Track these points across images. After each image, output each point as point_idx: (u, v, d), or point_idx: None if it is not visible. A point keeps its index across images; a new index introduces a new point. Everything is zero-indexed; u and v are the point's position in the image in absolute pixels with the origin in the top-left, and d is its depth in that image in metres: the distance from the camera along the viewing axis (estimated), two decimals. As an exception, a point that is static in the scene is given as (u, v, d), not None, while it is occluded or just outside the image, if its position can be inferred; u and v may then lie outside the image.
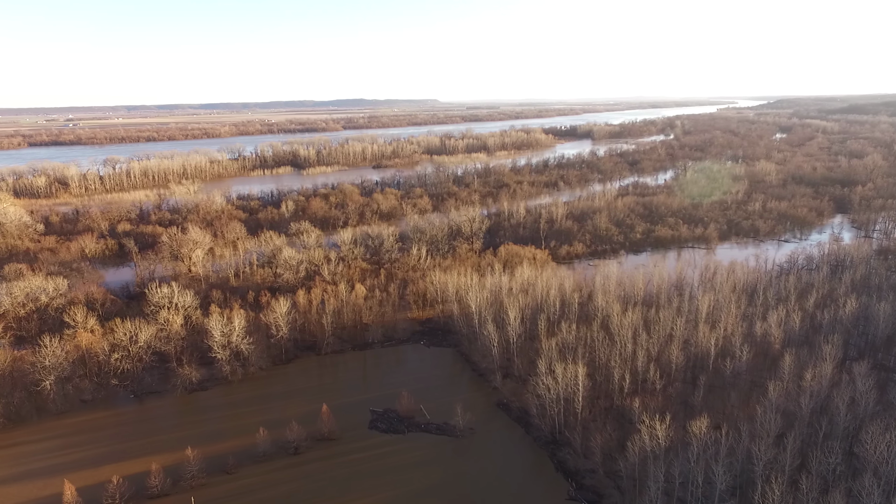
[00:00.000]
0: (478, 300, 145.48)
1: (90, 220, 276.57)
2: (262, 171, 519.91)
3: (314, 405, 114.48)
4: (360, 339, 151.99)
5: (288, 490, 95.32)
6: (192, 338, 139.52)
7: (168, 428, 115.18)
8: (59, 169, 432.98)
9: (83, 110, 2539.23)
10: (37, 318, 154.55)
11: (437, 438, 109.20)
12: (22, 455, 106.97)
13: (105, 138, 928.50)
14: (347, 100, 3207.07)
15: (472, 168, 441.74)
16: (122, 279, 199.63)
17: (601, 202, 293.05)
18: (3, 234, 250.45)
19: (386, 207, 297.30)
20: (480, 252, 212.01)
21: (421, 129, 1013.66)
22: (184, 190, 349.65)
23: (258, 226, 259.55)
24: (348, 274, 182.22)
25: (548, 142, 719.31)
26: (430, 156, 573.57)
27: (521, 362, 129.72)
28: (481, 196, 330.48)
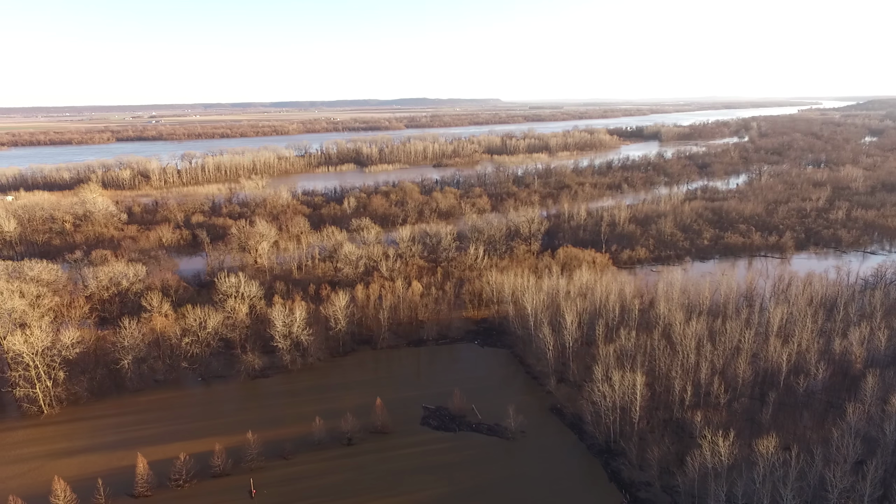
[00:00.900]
0: (534, 302, 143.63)
1: (168, 212, 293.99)
2: (326, 167, 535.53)
3: (368, 398, 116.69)
4: (415, 335, 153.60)
5: (341, 479, 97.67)
6: (256, 326, 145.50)
7: (231, 411, 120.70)
8: (142, 163, 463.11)
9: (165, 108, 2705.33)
10: (118, 301, 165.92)
11: (487, 439, 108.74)
12: (102, 427, 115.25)
13: (183, 134, 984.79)
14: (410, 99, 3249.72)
15: (532, 168, 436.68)
16: (194, 268, 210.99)
17: (667, 206, 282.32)
18: (91, 223, 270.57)
19: (445, 206, 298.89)
20: (538, 253, 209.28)
21: (482, 128, 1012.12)
22: (253, 185, 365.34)
23: (321, 221, 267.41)
24: (406, 271, 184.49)
25: (612, 143, 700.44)
26: (490, 155, 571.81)
27: (576, 367, 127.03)
28: (541, 197, 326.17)
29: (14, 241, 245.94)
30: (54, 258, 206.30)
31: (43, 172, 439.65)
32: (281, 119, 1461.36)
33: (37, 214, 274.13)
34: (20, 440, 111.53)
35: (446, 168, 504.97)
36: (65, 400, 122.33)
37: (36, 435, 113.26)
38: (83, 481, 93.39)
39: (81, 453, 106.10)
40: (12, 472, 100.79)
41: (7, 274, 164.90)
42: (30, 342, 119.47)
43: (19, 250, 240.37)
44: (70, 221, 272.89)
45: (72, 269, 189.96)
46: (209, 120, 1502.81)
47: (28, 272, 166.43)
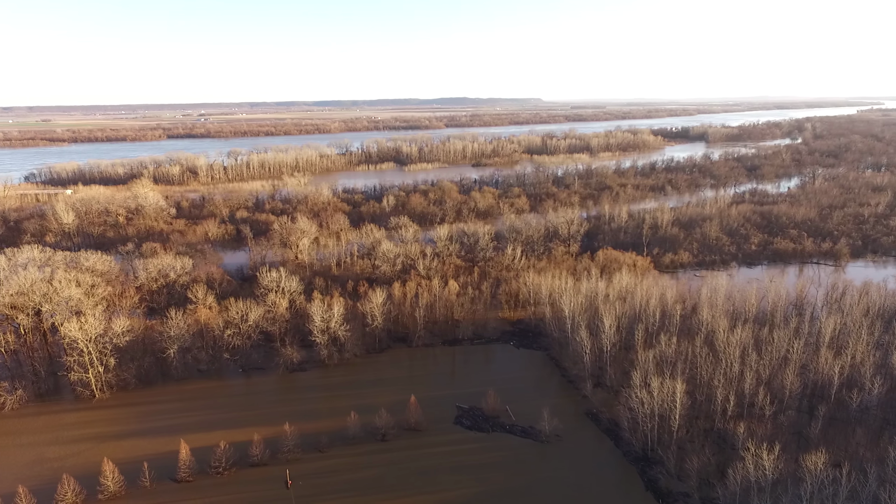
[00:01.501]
0: (572, 304, 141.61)
1: (214, 207, 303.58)
2: (366, 166, 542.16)
3: (403, 395, 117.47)
4: (450, 334, 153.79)
5: (375, 474, 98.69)
6: (295, 321, 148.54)
7: (270, 403, 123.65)
8: (190, 159, 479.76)
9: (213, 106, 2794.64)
10: (166, 292, 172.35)
11: (521, 441, 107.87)
12: (149, 413, 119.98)
13: (230, 132, 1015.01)
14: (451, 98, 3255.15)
15: (573, 169, 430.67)
16: (237, 262, 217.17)
17: (712, 209, 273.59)
18: (143, 216, 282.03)
19: (483, 206, 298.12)
20: (577, 255, 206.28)
21: (522, 128, 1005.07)
22: (295, 182, 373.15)
23: (360, 218, 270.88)
24: (443, 270, 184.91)
25: (656, 144, 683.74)
26: (530, 155, 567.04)
27: (614, 372, 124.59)
28: (581, 198, 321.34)
29: (72, 233, 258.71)
30: (108, 250, 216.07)
31: (99, 167, 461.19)
32: (323, 118, 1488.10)
33: (93, 208, 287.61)
34: (74, 422, 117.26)
35: (485, 168, 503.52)
36: (115, 385, 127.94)
37: (88, 418, 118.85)
38: (130, 464, 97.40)
39: (129, 437, 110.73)
40: (67, 452, 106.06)
41: (65, 264, 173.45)
42: (84, 329, 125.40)
43: (76, 241, 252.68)
44: (123, 215, 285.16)
45: (124, 261, 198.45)
46: (255, 118, 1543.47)
47: (84, 262, 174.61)
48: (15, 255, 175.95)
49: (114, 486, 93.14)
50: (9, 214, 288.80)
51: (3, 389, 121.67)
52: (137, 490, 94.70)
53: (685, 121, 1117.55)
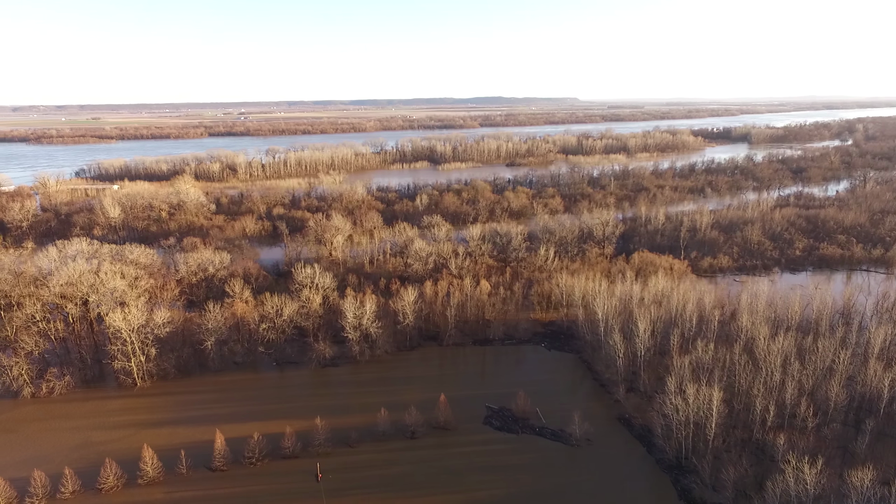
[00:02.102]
0: (605, 307, 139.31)
1: (251, 203, 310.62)
2: (401, 164, 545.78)
3: (432, 393, 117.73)
4: (481, 334, 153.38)
5: (403, 471, 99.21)
6: (328, 317, 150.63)
7: (302, 397, 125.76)
8: (230, 157, 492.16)
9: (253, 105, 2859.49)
10: (204, 285, 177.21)
11: (550, 444, 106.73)
12: (187, 402, 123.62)
13: (269, 130, 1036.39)
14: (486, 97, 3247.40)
15: (609, 169, 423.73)
16: (273, 257, 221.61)
17: (754, 212, 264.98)
18: (184, 212, 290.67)
19: (516, 205, 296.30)
20: (612, 257, 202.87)
21: (558, 127, 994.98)
22: (330, 180, 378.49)
23: (394, 217, 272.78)
24: (474, 269, 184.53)
25: (696, 144, 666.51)
26: (565, 155, 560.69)
27: (647, 377, 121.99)
28: (617, 199, 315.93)
29: (118, 227, 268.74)
30: (151, 243, 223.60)
31: (144, 164, 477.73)
32: (359, 116, 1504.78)
33: (138, 203, 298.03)
34: (117, 408, 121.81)
35: (519, 167, 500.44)
36: (155, 375, 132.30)
37: (130, 405, 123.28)
38: (168, 451, 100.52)
39: (168, 425, 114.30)
40: (110, 437, 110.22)
41: (111, 256, 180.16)
42: (128, 319, 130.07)
43: (122, 235, 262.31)
44: (166, 210, 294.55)
45: (165, 255, 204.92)
46: (292, 117, 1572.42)
47: (128, 255, 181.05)
48: (65, 247, 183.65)
49: (153, 472, 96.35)
50: (60, 208, 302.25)
51: (52, 375, 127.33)
52: (175, 476, 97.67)
53: (727, 121, 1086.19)
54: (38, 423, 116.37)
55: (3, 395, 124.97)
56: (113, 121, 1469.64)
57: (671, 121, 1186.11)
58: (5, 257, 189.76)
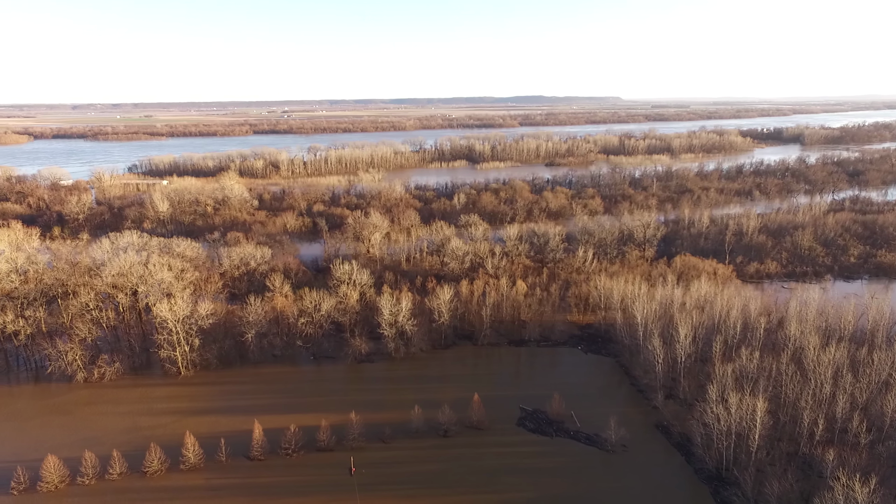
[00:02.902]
0: (645, 311, 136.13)
1: (293, 200, 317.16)
2: (439, 163, 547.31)
3: (466, 393, 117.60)
4: (516, 334, 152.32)
5: (436, 469, 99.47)
6: (365, 313, 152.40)
7: (338, 391, 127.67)
8: (273, 154, 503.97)
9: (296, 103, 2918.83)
10: (246, 279, 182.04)
11: (585, 448, 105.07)
12: (227, 392, 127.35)
13: (311, 128, 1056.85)
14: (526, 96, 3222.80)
15: (651, 170, 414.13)
16: (312, 253, 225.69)
17: (805, 217, 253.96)
18: (228, 207, 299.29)
19: (555, 206, 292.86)
20: (652, 260, 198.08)
21: (599, 127, 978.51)
22: (370, 178, 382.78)
23: (431, 215, 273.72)
24: (511, 269, 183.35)
25: (744, 145, 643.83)
26: (606, 156, 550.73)
27: (687, 384, 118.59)
28: (659, 201, 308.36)
29: (166, 220, 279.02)
30: (196, 237, 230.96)
31: (192, 160, 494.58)
32: (399, 115, 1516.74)
33: (185, 198, 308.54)
34: (162, 396, 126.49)
35: (559, 167, 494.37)
36: (198, 364, 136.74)
37: (174, 393, 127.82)
38: (209, 439, 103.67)
39: (209, 414, 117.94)
40: (154, 423, 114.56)
41: (159, 249, 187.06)
42: (174, 310, 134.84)
43: (170, 228, 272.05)
44: (211, 205, 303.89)
45: (210, 248, 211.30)
46: (334, 115, 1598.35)
47: (175, 248, 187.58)
48: (117, 239, 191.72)
49: (194, 459, 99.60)
50: (114, 202, 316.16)
51: (103, 361, 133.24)
52: (214, 464, 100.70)
53: (778, 121, 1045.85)
54: (90, 406, 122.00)
55: (59, 378, 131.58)
56: (164, 118, 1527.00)
57: (718, 121, 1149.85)
58: (63, 248, 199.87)
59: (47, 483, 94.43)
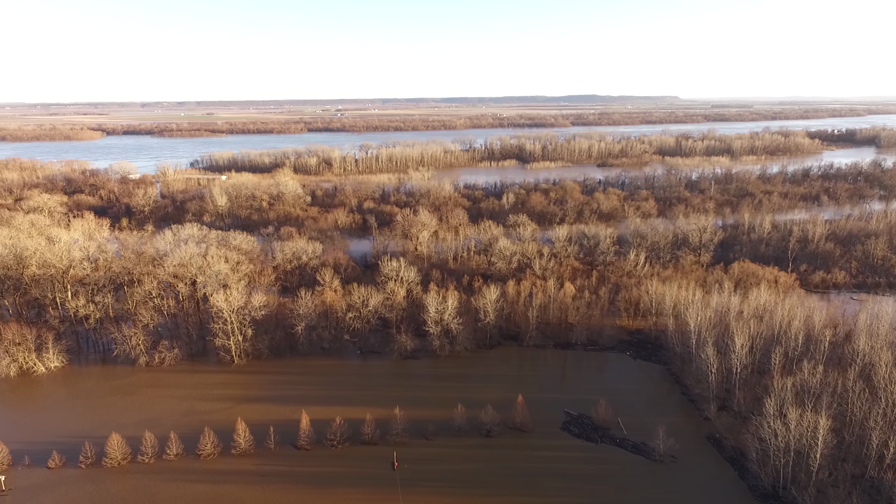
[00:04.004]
0: (698, 318, 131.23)
1: (344, 196, 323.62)
2: (489, 162, 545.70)
3: (510, 393, 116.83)
4: (562, 337, 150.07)
5: (478, 468, 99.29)
6: (411, 310, 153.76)
7: (382, 386, 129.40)
8: (326, 151, 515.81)
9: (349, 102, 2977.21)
10: (297, 273, 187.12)
11: (631, 457, 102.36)
12: (277, 382, 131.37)
13: (363, 127, 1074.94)
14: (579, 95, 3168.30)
15: (709, 172, 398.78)
16: (361, 250, 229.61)
17: (880, 224, 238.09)
18: (282, 202, 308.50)
19: (606, 207, 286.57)
20: (708, 266, 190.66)
21: (655, 127, 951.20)
22: (419, 176, 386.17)
23: (479, 214, 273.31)
24: (559, 271, 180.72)
25: (812, 148, 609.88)
26: (661, 157, 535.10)
27: (743, 397, 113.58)
28: (717, 204, 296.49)
29: (224, 214, 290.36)
30: (252, 231, 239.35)
31: (249, 157, 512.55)
32: (450, 114, 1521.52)
33: (242, 193, 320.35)
34: (216, 382, 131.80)
35: (611, 168, 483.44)
36: (250, 354, 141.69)
37: (228, 380, 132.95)
38: (259, 426, 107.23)
39: (259, 402, 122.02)
40: (209, 408, 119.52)
41: (217, 242, 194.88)
42: (229, 301, 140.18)
43: (227, 222, 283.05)
44: (266, 200, 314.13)
45: (264, 242, 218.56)
46: (386, 114, 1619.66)
47: (232, 241, 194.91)
48: (179, 231, 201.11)
49: (245, 445, 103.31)
50: (176, 195, 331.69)
51: (163, 347, 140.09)
52: (263, 450, 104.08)
53: (852, 122, 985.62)
54: (151, 389, 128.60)
55: (123, 361, 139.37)
56: (224, 116, 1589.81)
57: (784, 121, 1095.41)
58: (130, 238, 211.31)
59: (111, 459, 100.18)
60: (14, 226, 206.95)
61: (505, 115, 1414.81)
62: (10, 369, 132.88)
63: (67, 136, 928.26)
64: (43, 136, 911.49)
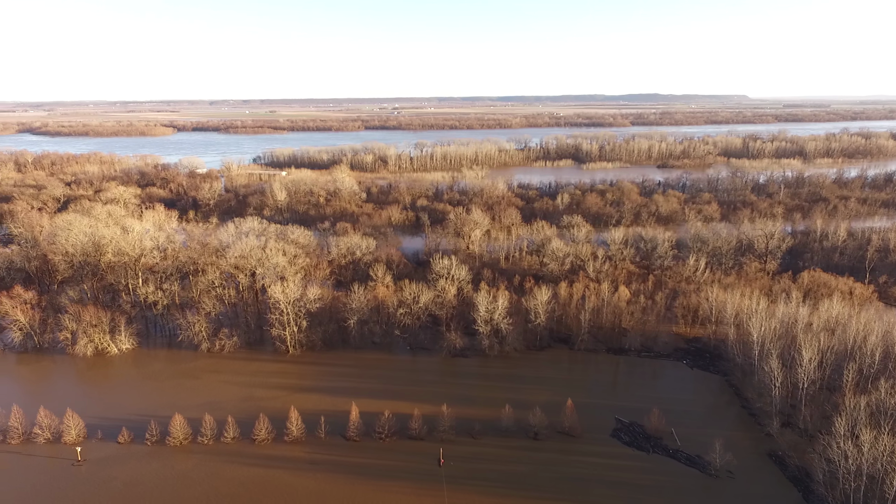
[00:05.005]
0: (762, 329, 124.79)
1: (398, 194, 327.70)
2: (543, 162, 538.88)
3: (558, 397, 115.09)
4: (615, 342, 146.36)
5: (524, 471, 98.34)
6: (461, 308, 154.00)
7: (431, 382, 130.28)
8: (382, 149, 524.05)
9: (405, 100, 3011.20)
10: (351, 268, 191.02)
11: (685, 469, 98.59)
12: (329, 373, 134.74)
13: (419, 125, 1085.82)
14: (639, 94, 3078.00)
15: (779, 176, 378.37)
16: (414, 247, 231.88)
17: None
18: (338, 199, 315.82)
19: (665, 210, 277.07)
20: (774, 274, 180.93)
21: (721, 128, 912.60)
22: (473, 175, 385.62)
23: (532, 214, 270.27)
24: (613, 274, 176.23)
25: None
26: (726, 158, 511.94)
27: (809, 414, 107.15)
28: (786, 209, 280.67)
29: (283, 209, 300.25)
30: (309, 226, 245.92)
31: (308, 154, 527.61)
32: (505, 113, 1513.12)
33: (301, 188, 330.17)
34: (272, 371, 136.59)
35: (672, 169, 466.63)
36: (304, 345, 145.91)
37: (282, 369, 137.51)
38: (311, 415, 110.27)
39: (312, 392, 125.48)
40: (264, 395, 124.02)
41: (276, 235, 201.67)
42: (286, 293, 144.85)
43: (286, 216, 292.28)
44: (323, 196, 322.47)
45: (320, 237, 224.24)
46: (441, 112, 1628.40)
47: (290, 235, 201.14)
48: (240, 224, 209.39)
49: (296, 432, 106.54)
50: (239, 190, 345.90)
51: (224, 335, 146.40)
52: (314, 439, 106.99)
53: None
54: (211, 374, 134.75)
55: (187, 346, 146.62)
56: (286, 114, 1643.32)
57: (865, 122, 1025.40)
58: (196, 230, 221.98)
59: (174, 438, 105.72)
60: (93, 215, 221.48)
61: (562, 114, 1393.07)
62: (87, 349, 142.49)
63: (142, 132, 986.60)
64: (121, 132, 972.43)
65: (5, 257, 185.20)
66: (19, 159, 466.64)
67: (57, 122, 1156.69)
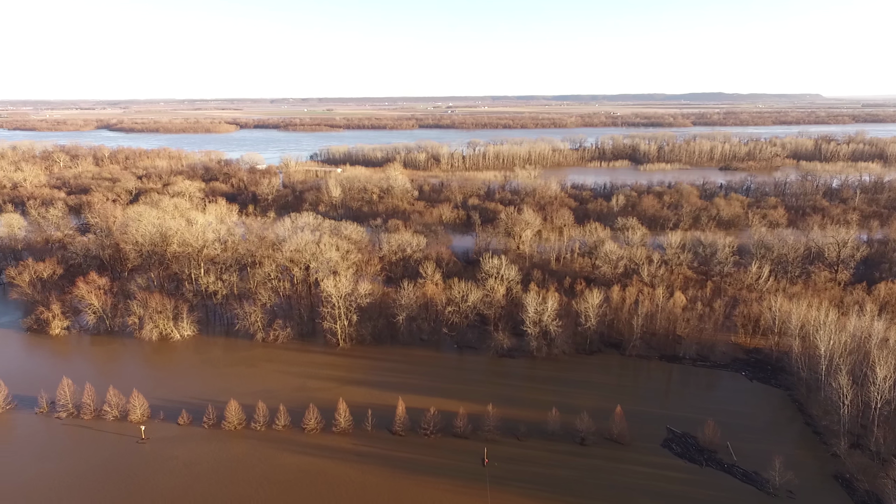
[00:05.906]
0: (831, 342, 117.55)
1: (449, 192, 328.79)
2: (599, 162, 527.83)
3: (607, 403, 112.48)
4: (669, 349, 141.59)
5: (570, 476, 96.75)
6: (510, 308, 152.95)
7: (477, 381, 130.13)
8: (435, 147, 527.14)
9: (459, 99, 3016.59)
10: (402, 265, 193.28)
11: (740, 486, 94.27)
12: (377, 368, 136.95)
13: (472, 123, 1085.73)
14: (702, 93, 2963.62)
15: (855, 180, 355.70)
16: (464, 245, 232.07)
17: None
18: (391, 196, 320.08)
19: (727, 214, 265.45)
20: (846, 285, 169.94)
21: (791, 128, 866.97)
22: (525, 174, 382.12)
23: (585, 215, 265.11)
24: (669, 279, 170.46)
25: None
26: (796, 161, 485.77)
27: (883, 436, 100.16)
28: (862, 216, 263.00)
29: (337, 205, 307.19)
30: (362, 222, 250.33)
31: (363, 151, 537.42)
32: (560, 112, 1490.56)
33: (354, 185, 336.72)
34: (322, 363, 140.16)
35: (735, 172, 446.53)
36: (354, 338, 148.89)
37: (333, 361, 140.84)
38: (358, 408, 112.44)
39: (360, 385, 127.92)
40: (315, 386, 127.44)
41: (330, 231, 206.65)
42: (338, 287, 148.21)
43: (340, 212, 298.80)
44: (376, 193, 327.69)
45: (372, 233, 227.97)
46: (495, 111, 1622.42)
47: (343, 231, 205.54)
48: (296, 219, 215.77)
49: (344, 424, 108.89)
50: (296, 185, 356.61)
51: (278, 326, 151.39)
52: (361, 432, 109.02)
53: None
54: (265, 363, 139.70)
55: (243, 335, 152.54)
56: (342, 112, 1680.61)
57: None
58: (254, 223, 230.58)
59: (229, 423, 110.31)
60: (161, 207, 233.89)
61: (619, 113, 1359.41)
62: (153, 334, 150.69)
63: (207, 129, 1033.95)
64: (188, 129, 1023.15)
65: (83, 245, 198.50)
66: (97, 154, 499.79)
67: (131, 119, 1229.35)
